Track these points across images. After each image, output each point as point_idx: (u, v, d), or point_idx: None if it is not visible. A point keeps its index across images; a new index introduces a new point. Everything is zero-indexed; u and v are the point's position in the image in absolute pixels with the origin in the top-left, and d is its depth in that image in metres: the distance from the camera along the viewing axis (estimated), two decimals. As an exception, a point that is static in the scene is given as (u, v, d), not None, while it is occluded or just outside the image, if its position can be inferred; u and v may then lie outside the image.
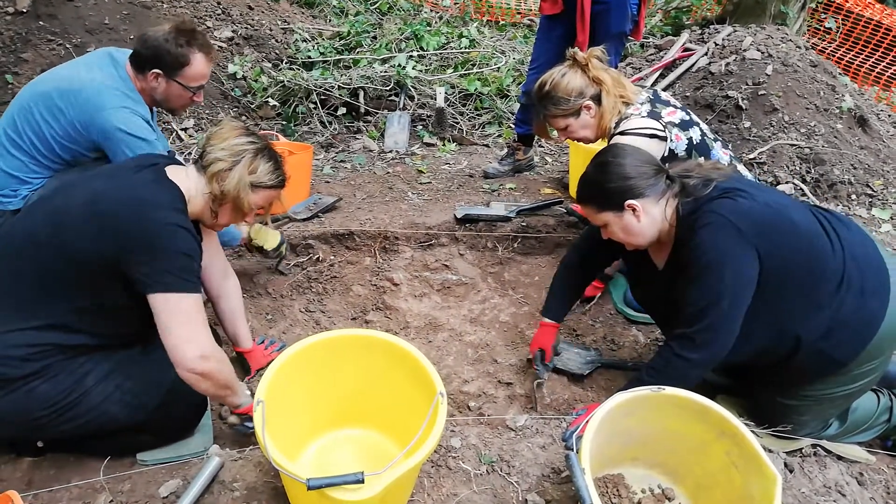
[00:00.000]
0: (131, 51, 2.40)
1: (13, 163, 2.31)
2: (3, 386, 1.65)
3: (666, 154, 2.32)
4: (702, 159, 2.33)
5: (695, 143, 2.36)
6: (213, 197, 1.85)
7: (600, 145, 2.26)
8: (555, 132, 2.65)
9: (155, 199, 1.70)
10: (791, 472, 1.86)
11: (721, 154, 2.42)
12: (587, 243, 2.31)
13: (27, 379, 1.66)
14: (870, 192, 3.73)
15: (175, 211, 1.73)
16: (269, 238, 2.73)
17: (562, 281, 2.38)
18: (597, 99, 2.43)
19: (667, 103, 2.44)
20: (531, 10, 7.31)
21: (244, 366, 2.39)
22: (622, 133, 2.35)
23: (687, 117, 2.40)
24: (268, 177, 1.91)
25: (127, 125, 2.27)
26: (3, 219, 2.32)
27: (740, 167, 2.46)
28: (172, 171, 1.83)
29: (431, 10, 6.67)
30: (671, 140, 2.33)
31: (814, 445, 2.00)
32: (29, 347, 1.65)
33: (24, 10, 4.33)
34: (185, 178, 1.84)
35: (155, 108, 2.53)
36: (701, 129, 2.41)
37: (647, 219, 1.87)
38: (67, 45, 4.27)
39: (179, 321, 1.65)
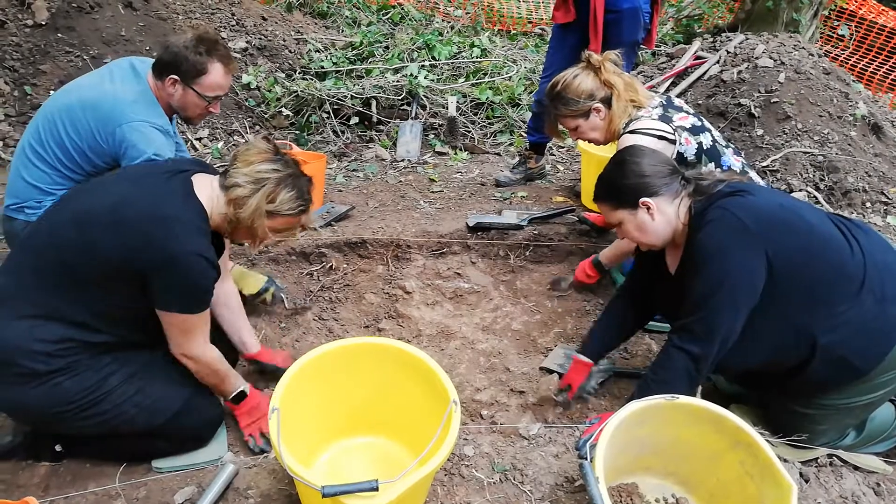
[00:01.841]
0: (150, 60, 2.42)
1: (36, 174, 2.33)
2: (30, 379, 1.68)
3: (674, 157, 2.33)
4: (717, 170, 2.35)
5: (705, 147, 2.37)
6: (227, 219, 1.85)
7: (611, 151, 2.28)
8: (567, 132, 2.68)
9: (181, 219, 1.72)
10: (807, 482, 1.84)
11: (733, 160, 2.42)
12: (632, 281, 2.29)
13: (53, 375, 1.70)
14: (885, 199, 3.70)
15: (199, 234, 1.75)
16: (250, 282, 2.65)
17: (604, 319, 2.32)
18: (607, 102, 2.46)
19: (679, 109, 2.45)
20: (542, 19, 7.34)
21: (263, 372, 2.37)
22: (631, 132, 2.37)
23: (699, 123, 2.41)
24: (288, 206, 1.88)
25: (141, 140, 2.27)
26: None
27: (753, 174, 2.46)
28: (199, 183, 1.84)
29: (443, 20, 6.71)
30: (680, 143, 2.35)
31: (830, 455, 1.98)
32: (54, 343, 1.69)
33: (43, 23, 4.41)
34: (210, 191, 1.85)
35: (175, 117, 2.55)
36: (712, 136, 2.41)
37: (661, 217, 1.89)
38: (85, 57, 4.34)
39: (177, 332, 1.79)
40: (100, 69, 2.50)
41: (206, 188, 1.84)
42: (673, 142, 2.36)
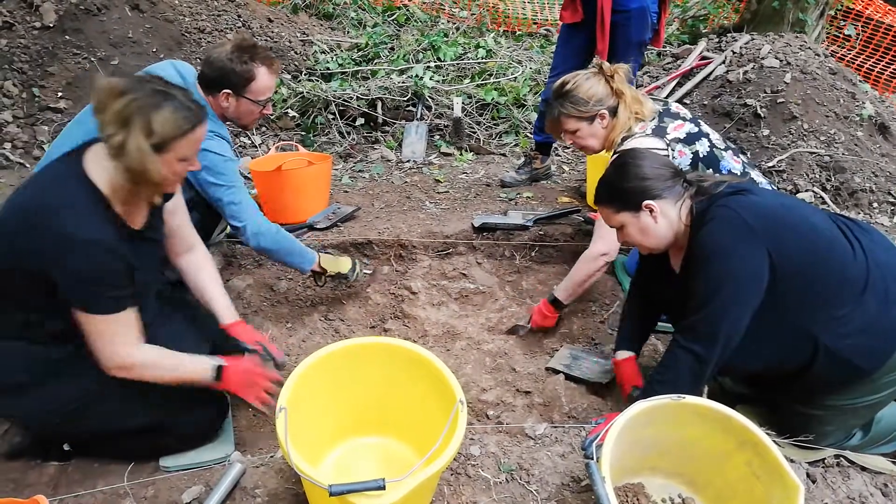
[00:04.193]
0: (190, 67, 2.46)
1: None
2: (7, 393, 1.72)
3: None
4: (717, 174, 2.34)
5: (701, 156, 2.36)
6: (125, 177, 1.58)
7: (608, 155, 2.27)
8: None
9: (54, 204, 1.53)
10: (814, 482, 1.84)
11: (732, 163, 2.40)
12: (639, 280, 2.29)
13: (38, 384, 1.71)
14: (892, 199, 3.69)
15: (75, 214, 1.53)
16: (342, 264, 2.70)
17: (627, 315, 2.30)
18: (613, 111, 2.44)
19: (676, 116, 2.43)
20: (547, 20, 7.34)
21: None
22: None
23: (695, 129, 2.39)
24: (171, 127, 1.55)
25: (214, 147, 2.35)
26: None
27: (756, 174, 2.45)
28: (92, 156, 1.62)
29: (448, 21, 6.71)
30: (674, 157, 2.34)
31: (837, 456, 1.97)
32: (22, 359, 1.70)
33: (51, 25, 4.43)
34: (102, 160, 1.60)
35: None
36: (710, 141, 2.40)
37: (663, 220, 1.89)
38: (92, 59, 4.36)
39: (94, 337, 1.65)
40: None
41: (99, 159, 1.61)
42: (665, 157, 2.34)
